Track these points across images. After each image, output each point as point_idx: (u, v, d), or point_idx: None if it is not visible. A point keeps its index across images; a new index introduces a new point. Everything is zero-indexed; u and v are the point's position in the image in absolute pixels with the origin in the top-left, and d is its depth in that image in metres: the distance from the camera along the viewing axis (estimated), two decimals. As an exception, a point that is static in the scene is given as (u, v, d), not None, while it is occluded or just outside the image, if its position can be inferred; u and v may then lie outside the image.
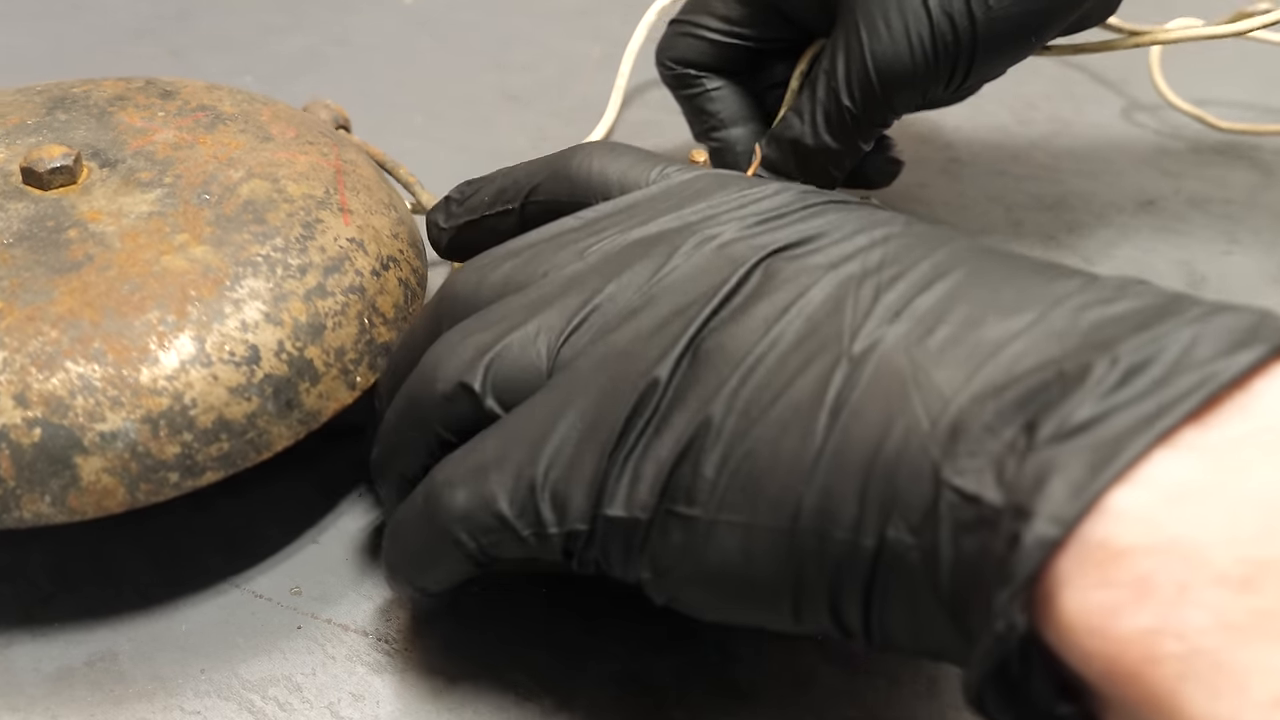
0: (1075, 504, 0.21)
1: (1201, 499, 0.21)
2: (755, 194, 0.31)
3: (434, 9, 0.69)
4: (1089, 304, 0.25)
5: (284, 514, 0.37)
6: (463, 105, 0.60)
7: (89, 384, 0.32)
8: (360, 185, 0.39)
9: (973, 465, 0.23)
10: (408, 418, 0.31)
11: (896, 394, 0.25)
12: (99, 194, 0.37)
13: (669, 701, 0.32)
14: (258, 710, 0.32)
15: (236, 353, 0.33)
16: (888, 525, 0.24)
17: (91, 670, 0.33)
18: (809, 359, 0.26)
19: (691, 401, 0.27)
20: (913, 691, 0.32)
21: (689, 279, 0.29)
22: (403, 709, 0.32)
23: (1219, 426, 0.22)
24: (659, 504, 0.27)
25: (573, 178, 0.34)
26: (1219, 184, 0.56)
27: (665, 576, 0.28)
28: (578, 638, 0.34)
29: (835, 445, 0.25)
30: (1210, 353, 0.22)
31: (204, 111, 0.41)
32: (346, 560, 0.36)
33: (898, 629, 0.25)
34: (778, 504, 0.26)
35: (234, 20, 0.67)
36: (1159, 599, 0.20)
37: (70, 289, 0.33)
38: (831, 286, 0.27)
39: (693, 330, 0.28)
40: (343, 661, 0.33)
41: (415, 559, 0.31)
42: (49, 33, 0.65)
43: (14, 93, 0.42)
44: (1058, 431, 0.22)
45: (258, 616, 0.34)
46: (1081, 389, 0.23)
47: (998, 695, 0.23)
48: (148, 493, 0.32)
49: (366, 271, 0.36)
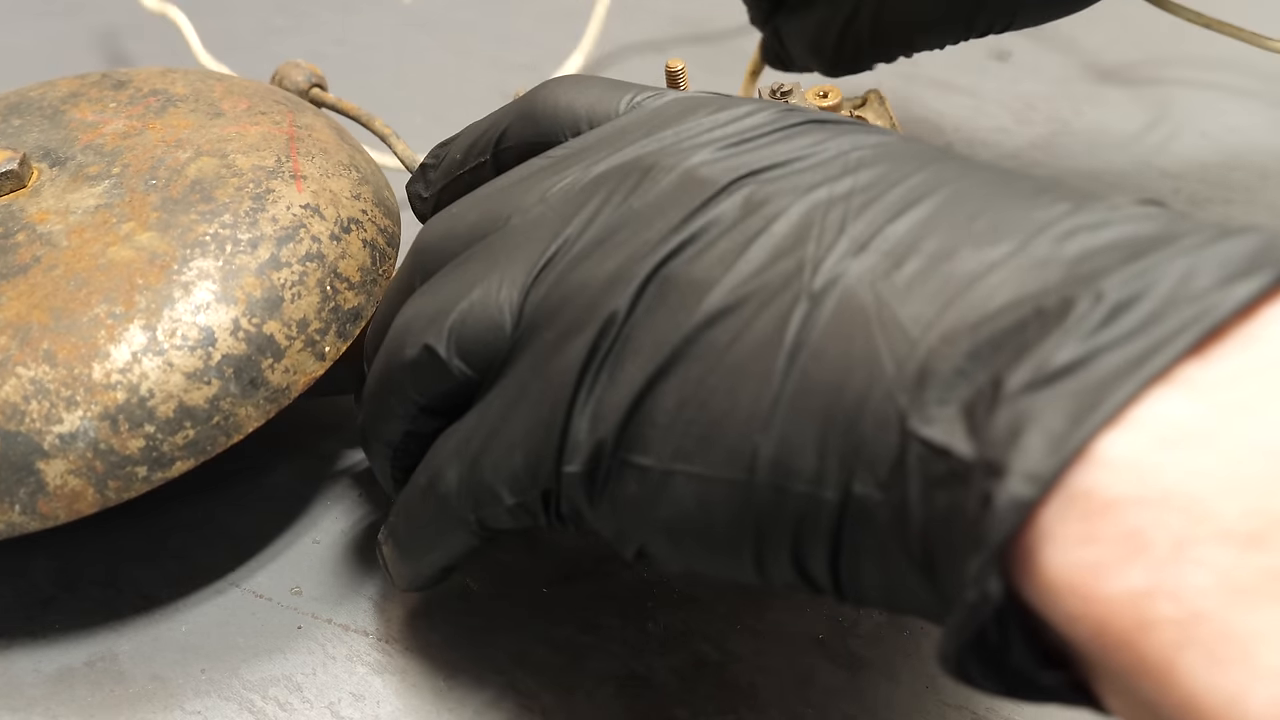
0: (1054, 458, 0.19)
1: (1201, 443, 0.19)
2: (729, 115, 0.28)
3: (434, 9, 0.69)
4: (1074, 230, 0.22)
5: (284, 514, 0.37)
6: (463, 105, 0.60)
7: (41, 387, 0.31)
8: (316, 149, 0.38)
9: (942, 414, 0.21)
10: (383, 385, 0.31)
11: (859, 334, 0.23)
12: (48, 194, 0.36)
13: (669, 701, 0.32)
14: (258, 710, 0.32)
15: (189, 336, 0.32)
16: (853, 480, 0.22)
17: (91, 671, 0.33)
18: (769, 297, 0.24)
19: (646, 343, 0.25)
20: (912, 691, 0.32)
21: (653, 207, 0.27)
22: (403, 709, 0.32)
23: (1220, 360, 0.19)
24: (614, 453, 0.26)
25: (539, 117, 0.32)
26: (1219, 184, 0.56)
27: (627, 529, 0.27)
28: (578, 637, 0.34)
29: (793, 390, 0.23)
30: (1208, 283, 0.20)
31: (155, 96, 0.40)
32: (347, 560, 0.36)
33: (868, 586, 0.24)
34: (733, 453, 0.24)
35: (234, 20, 0.67)
36: (1152, 556, 0.18)
37: (18, 293, 0.33)
38: (798, 215, 0.25)
39: (655, 260, 0.26)
40: (343, 661, 0.33)
41: (424, 537, 0.31)
42: (49, 33, 0.65)
43: None
44: (1035, 377, 0.20)
45: (258, 617, 0.34)
46: (1062, 328, 0.20)
47: (980, 664, 0.21)
48: (118, 489, 0.31)
49: (325, 237, 0.35)
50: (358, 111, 0.43)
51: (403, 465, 0.32)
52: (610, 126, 0.30)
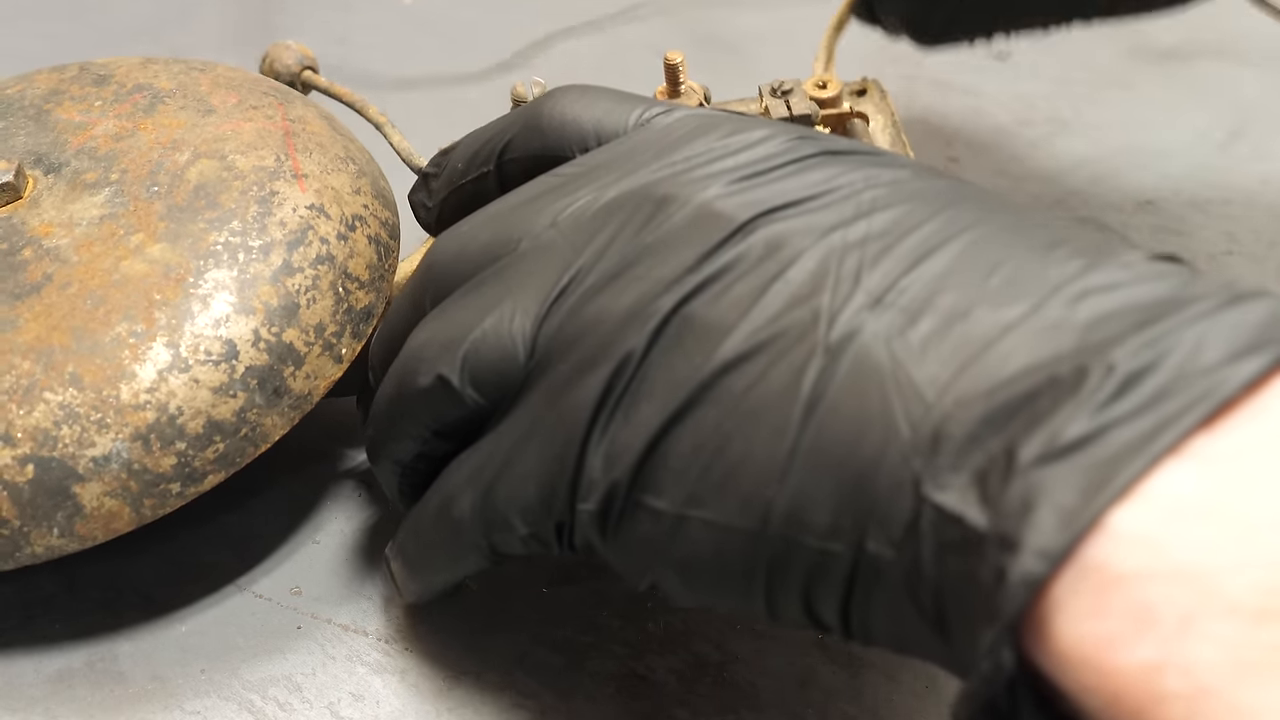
0: (1065, 534, 0.20)
1: (1210, 517, 0.19)
2: (742, 140, 0.28)
3: (434, 9, 0.69)
4: (1088, 292, 0.23)
5: (284, 514, 0.37)
6: (463, 105, 0.60)
7: (71, 412, 0.31)
8: (312, 144, 0.37)
9: (955, 481, 0.22)
10: (395, 408, 0.31)
11: (875, 393, 0.23)
12: (47, 205, 0.35)
13: (669, 701, 0.32)
14: (258, 710, 0.32)
15: (213, 351, 0.32)
16: (866, 538, 0.23)
17: (91, 671, 0.33)
18: (787, 346, 0.24)
19: (662, 385, 0.26)
20: (912, 691, 0.32)
21: (668, 242, 0.27)
22: (403, 709, 0.32)
23: (1228, 434, 0.20)
24: (628, 493, 0.26)
25: (545, 129, 0.32)
26: (1219, 184, 0.56)
27: (640, 566, 0.27)
28: (578, 637, 0.34)
29: (809, 445, 0.24)
30: (1217, 358, 0.20)
31: (141, 92, 0.39)
32: (346, 560, 0.36)
33: (877, 632, 0.24)
34: (747, 503, 0.24)
35: (234, 20, 0.67)
36: (1162, 630, 0.19)
37: (34, 314, 0.32)
38: (814, 261, 0.25)
39: (673, 300, 0.26)
40: (343, 661, 0.33)
41: (434, 558, 0.31)
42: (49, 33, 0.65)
43: None
44: (1047, 449, 0.20)
45: (258, 617, 0.34)
46: (1074, 400, 0.21)
47: None
48: (153, 507, 0.32)
49: (332, 237, 0.35)
50: (351, 97, 0.42)
51: (411, 482, 0.32)
52: (620, 145, 0.30)
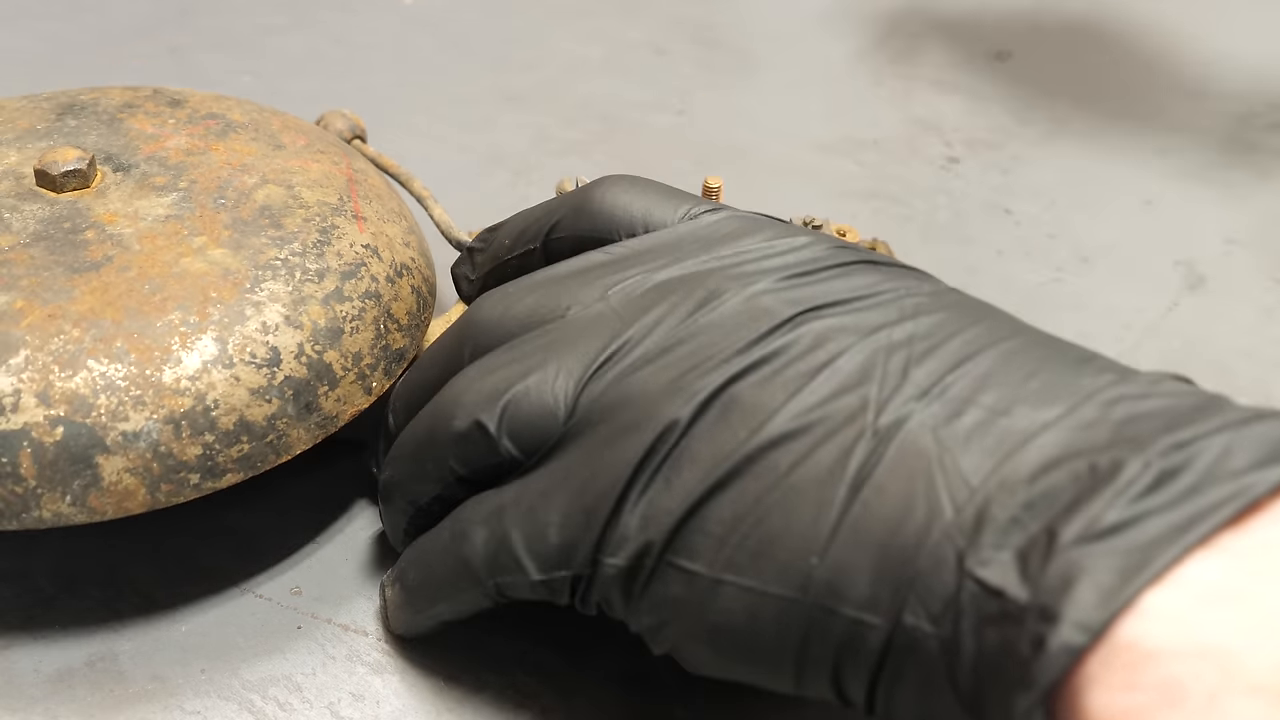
0: (1104, 610, 0.21)
1: (1236, 602, 0.20)
2: (786, 244, 0.30)
3: (434, 9, 0.69)
4: (1120, 398, 0.25)
5: (284, 514, 0.37)
6: (463, 105, 0.60)
7: (112, 383, 0.32)
8: (372, 194, 0.39)
9: (998, 558, 0.23)
10: (423, 449, 0.31)
11: (921, 475, 0.24)
12: (114, 197, 0.37)
13: (671, 700, 0.32)
14: (258, 710, 0.32)
15: (258, 354, 0.33)
16: (904, 610, 0.24)
17: (91, 671, 0.33)
18: (834, 428, 0.26)
19: (706, 455, 0.27)
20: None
21: (718, 327, 0.28)
22: (403, 709, 0.32)
23: (1255, 531, 0.21)
24: (662, 555, 0.27)
25: (594, 213, 0.33)
26: (1219, 184, 0.56)
27: (664, 628, 0.27)
28: (579, 636, 0.34)
29: (853, 520, 0.25)
30: (1245, 464, 0.22)
31: (214, 119, 0.41)
32: (347, 560, 0.36)
33: (903, 709, 0.25)
34: (786, 571, 0.25)
35: (234, 20, 0.67)
36: (1189, 706, 0.20)
37: (90, 289, 0.33)
38: (862, 355, 0.27)
39: (721, 379, 0.27)
40: (343, 661, 0.33)
41: (435, 589, 0.31)
42: (49, 33, 0.65)
43: (21, 100, 0.42)
44: (1086, 532, 0.22)
45: (258, 617, 0.34)
46: (1111, 488, 0.22)
47: None
48: (168, 493, 0.32)
49: (381, 278, 0.36)
50: (397, 169, 0.44)
51: (420, 525, 0.32)
52: (669, 234, 0.31)
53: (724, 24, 0.70)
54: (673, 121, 0.60)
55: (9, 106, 0.42)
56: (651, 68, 0.65)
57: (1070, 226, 0.53)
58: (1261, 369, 0.46)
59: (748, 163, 0.57)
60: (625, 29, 0.66)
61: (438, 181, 0.45)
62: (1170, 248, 0.52)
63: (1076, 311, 0.48)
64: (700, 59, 0.66)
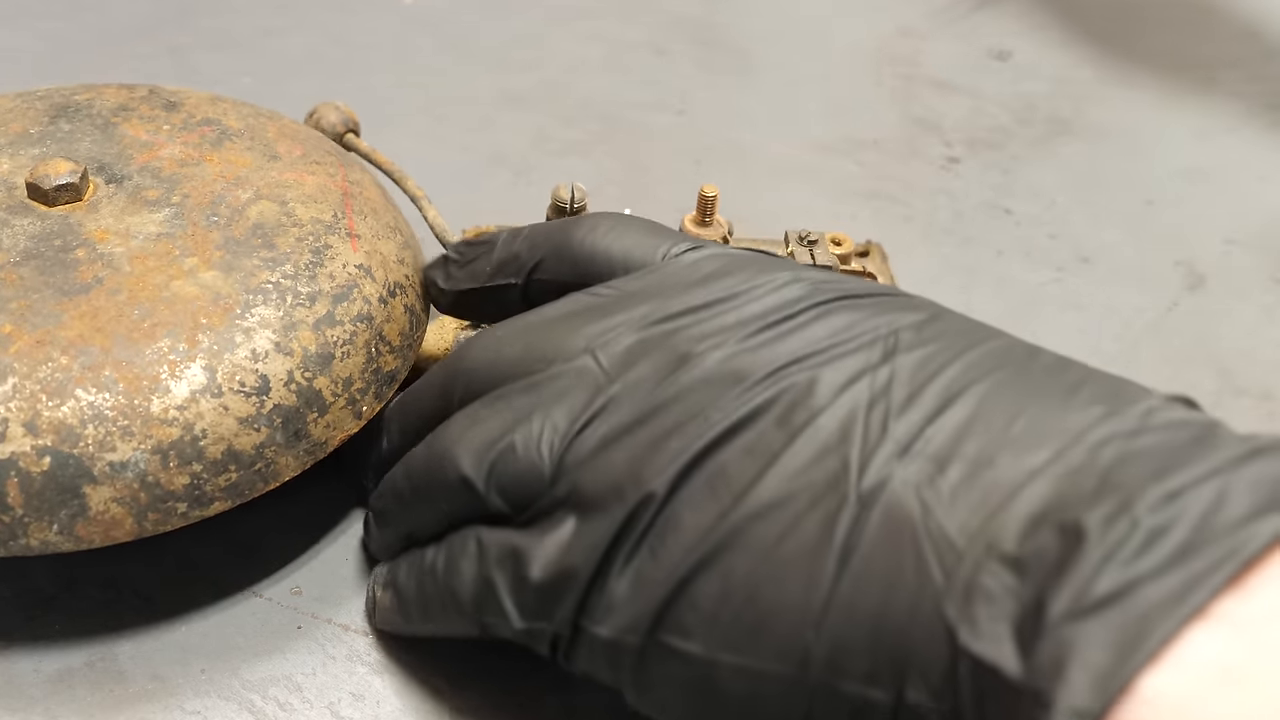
0: (1099, 695, 0.20)
1: (1240, 683, 0.20)
2: (766, 284, 0.30)
3: (434, 9, 0.69)
4: (1109, 439, 0.24)
5: (284, 515, 0.37)
6: (463, 105, 0.60)
7: (100, 413, 0.31)
8: (367, 209, 0.39)
9: (991, 630, 0.22)
10: (417, 494, 0.32)
11: (907, 542, 0.24)
12: (106, 212, 0.36)
13: (669, 701, 0.32)
14: (258, 710, 0.32)
15: (247, 383, 0.33)
16: (906, 685, 0.24)
17: (91, 671, 0.33)
18: (817, 496, 0.25)
19: (690, 525, 0.26)
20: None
21: (693, 392, 0.28)
22: (403, 709, 0.32)
23: (1254, 596, 0.21)
24: (650, 631, 0.27)
25: (576, 257, 0.33)
26: (1219, 184, 0.56)
27: (658, 703, 0.27)
28: (578, 637, 0.34)
29: (845, 594, 0.24)
30: (1239, 514, 0.21)
31: (210, 126, 0.40)
32: (346, 561, 0.36)
33: None
34: (784, 649, 0.25)
35: (234, 20, 0.67)
36: None
37: (80, 313, 0.33)
38: (842, 412, 0.26)
39: (695, 450, 0.27)
40: (343, 661, 0.33)
41: (425, 609, 0.31)
42: (49, 32, 0.65)
43: (14, 98, 0.42)
44: (1077, 604, 0.21)
45: (258, 617, 0.34)
46: (1100, 549, 0.22)
47: None
48: (155, 522, 0.32)
49: (374, 299, 0.36)
50: (391, 167, 0.43)
51: (408, 546, 0.33)
52: (652, 277, 0.31)
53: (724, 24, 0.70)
54: (673, 121, 0.60)
55: (1, 105, 0.41)
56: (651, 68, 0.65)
57: (1070, 226, 0.53)
58: (1261, 369, 0.46)
59: (747, 163, 0.57)
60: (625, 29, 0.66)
61: (437, 181, 0.45)
62: (1170, 248, 0.52)
63: (1076, 311, 0.48)
64: (700, 59, 0.66)
